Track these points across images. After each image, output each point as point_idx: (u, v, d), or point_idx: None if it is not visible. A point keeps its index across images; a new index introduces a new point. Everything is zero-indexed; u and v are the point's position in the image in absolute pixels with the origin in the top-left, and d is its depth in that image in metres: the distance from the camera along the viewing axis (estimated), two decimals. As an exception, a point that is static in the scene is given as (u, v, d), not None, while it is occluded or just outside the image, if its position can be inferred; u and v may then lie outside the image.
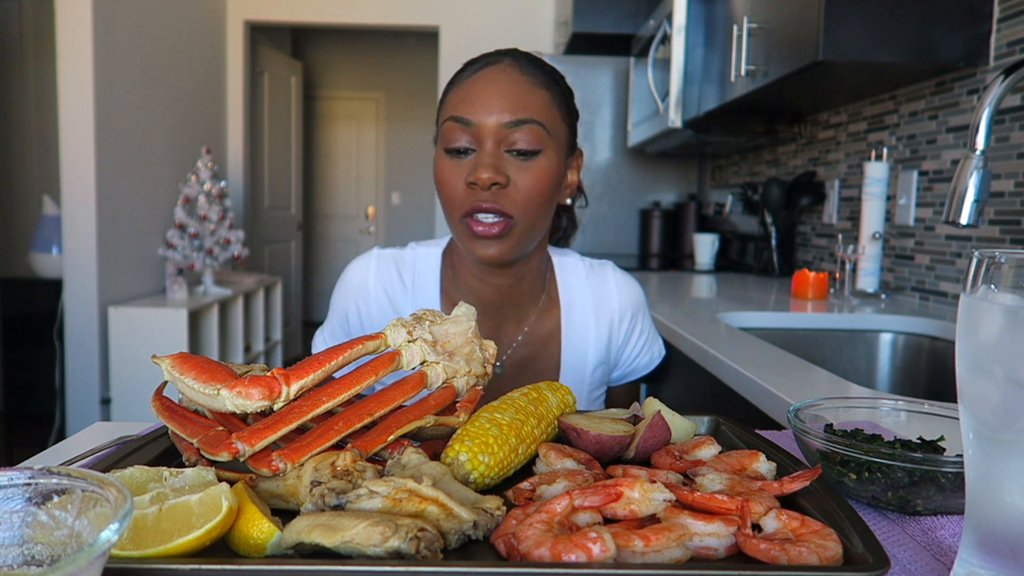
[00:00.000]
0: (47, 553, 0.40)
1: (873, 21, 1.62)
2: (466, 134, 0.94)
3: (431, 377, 0.65)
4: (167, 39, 3.95)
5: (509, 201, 0.94)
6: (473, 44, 4.89)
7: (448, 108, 0.97)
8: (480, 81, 0.95)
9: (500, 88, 0.94)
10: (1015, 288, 0.43)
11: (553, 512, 0.49)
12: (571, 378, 1.09)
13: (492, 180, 0.92)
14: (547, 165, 0.95)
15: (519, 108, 0.93)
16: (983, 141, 1.00)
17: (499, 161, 0.93)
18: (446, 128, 0.96)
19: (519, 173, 0.94)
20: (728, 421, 0.74)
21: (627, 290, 1.13)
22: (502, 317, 1.07)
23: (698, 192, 3.79)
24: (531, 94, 0.95)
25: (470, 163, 0.95)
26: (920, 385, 1.60)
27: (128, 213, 3.61)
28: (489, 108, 0.93)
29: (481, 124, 0.93)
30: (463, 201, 0.95)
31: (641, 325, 1.15)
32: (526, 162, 0.94)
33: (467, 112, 0.94)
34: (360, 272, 1.08)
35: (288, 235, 5.85)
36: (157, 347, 3.24)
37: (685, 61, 2.58)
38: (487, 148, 0.93)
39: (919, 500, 0.58)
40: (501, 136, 0.93)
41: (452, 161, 0.96)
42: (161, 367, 0.60)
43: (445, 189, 0.97)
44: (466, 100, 0.95)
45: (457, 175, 0.95)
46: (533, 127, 0.94)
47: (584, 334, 1.09)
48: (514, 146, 0.93)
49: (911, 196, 1.91)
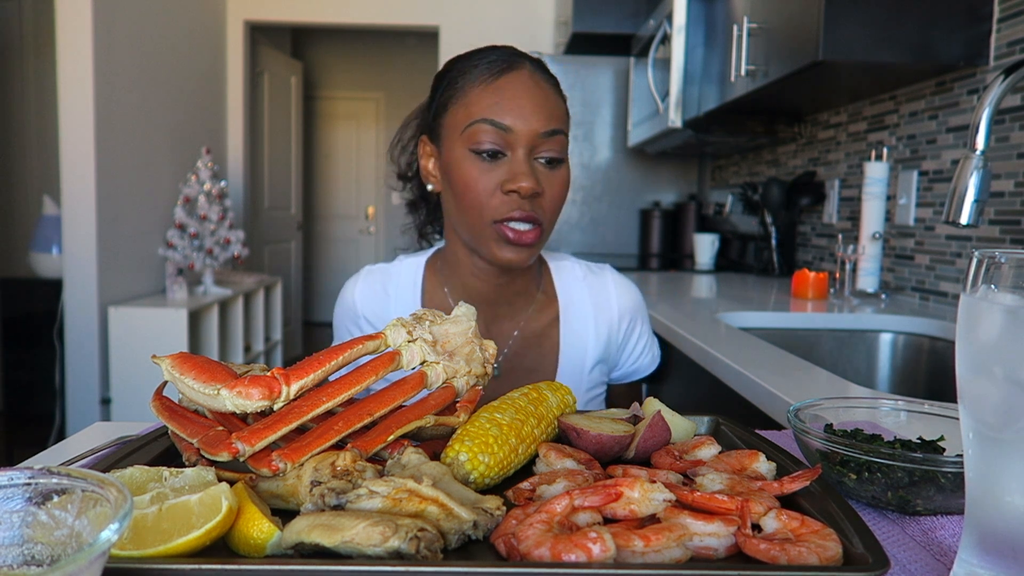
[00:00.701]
0: (47, 553, 0.40)
1: (873, 21, 1.62)
2: (500, 138, 0.94)
3: (431, 377, 0.65)
4: (167, 39, 3.95)
5: (541, 210, 0.96)
6: (473, 44, 4.81)
7: (475, 107, 0.95)
8: (510, 85, 0.95)
9: (534, 97, 0.95)
10: (1015, 288, 0.43)
11: (553, 512, 0.49)
12: (569, 375, 1.09)
13: (534, 190, 0.93)
14: (566, 173, 1.00)
15: (552, 119, 0.96)
16: (983, 141, 1.00)
17: (535, 170, 0.95)
18: (476, 130, 0.94)
19: (548, 181, 0.97)
20: (728, 421, 0.74)
21: (626, 292, 1.14)
22: (494, 315, 1.07)
23: (698, 192, 3.79)
24: (558, 104, 0.98)
25: (504, 169, 0.95)
26: (920, 385, 1.60)
27: (128, 213, 3.61)
28: (527, 116, 0.94)
29: (519, 131, 0.94)
30: (497, 207, 0.95)
31: (641, 328, 1.16)
32: (553, 171, 0.97)
33: (503, 117, 0.94)
34: (348, 291, 1.12)
35: (288, 235, 5.85)
36: (157, 347, 3.24)
37: (685, 61, 2.58)
38: (520, 156, 0.94)
39: (919, 500, 0.58)
40: (534, 144, 0.95)
41: (482, 164, 0.95)
42: (161, 367, 0.60)
43: (472, 194, 0.95)
44: (500, 104, 0.94)
45: (489, 179, 0.95)
46: (561, 138, 0.97)
47: (583, 332, 1.10)
48: (545, 154, 0.96)
49: (911, 196, 1.91)
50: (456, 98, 0.98)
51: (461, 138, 0.96)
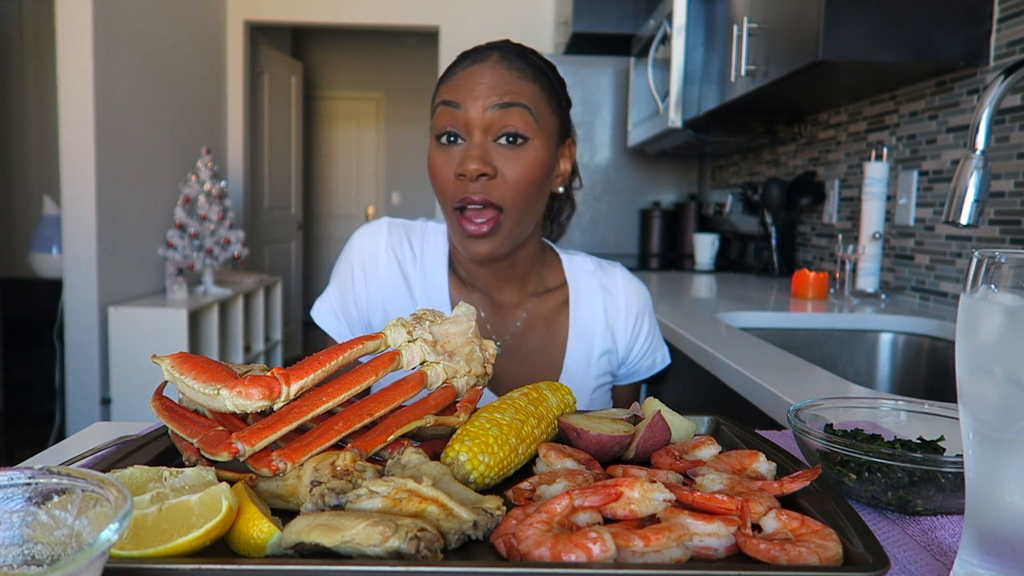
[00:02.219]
0: (47, 553, 0.40)
1: (873, 21, 1.62)
2: (455, 120, 0.95)
3: (431, 377, 0.65)
4: (167, 39, 3.95)
5: (498, 192, 0.94)
6: (473, 44, 4.87)
7: (438, 96, 0.99)
8: (471, 73, 0.97)
9: (489, 77, 0.95)
10: (1015, 288, 0.43)
11: (553, 512, 0.49)
12: (577, 363, 1.09)
13: (480, 171, 0.92)
14: (535, 154, 0.96)
15: (506, 94, 0.94)
16: (983, 141, 1.00)
17: (487, 152, 0.94)
18: (436, 115, 0.97)
19: (507, 163, 0.94)
20: (728, 421, 0.74)
21: (634, 290, 1.14)
22: (499, 299, 1.09)
23: (698, 192, 3.79)
24: (519, 83, 0.96)
25: (459, 153, 0.95)
26: (920, 385, 1.60)
27: (128, 213, 3.61)
28: (476, 93, 0.94)
29: (469, 108, 0.94)
30: (453, 193, 0.96)
31: (648, 327, 1.15)
32: (515, 151, 0.95)
33: (455, 96, 0.95)
34: (371, 236, 1.10)
35: (288, 235, 5.85)
36: (157, 347, 3.24)
37: (685, 61, 2.58)
38: (475, 139, 0.94)
39: (919, 500, 0.58)
40: (488, 122, 0.94)
41: (442, 151, 0.97)
42: (161, 367, 0.60)
43: (436, 181, 0.98)
44: (455, 87, 0.96)
45: (447, 166, 0.96)
46: (521, 111, 0.94)
47: (592, 319, 1.11)
48: (503, 131, 0.94)
49: (911, 196, 1.91)
50: (433, 96, 1.01)
51: (432, 128, 0.99)
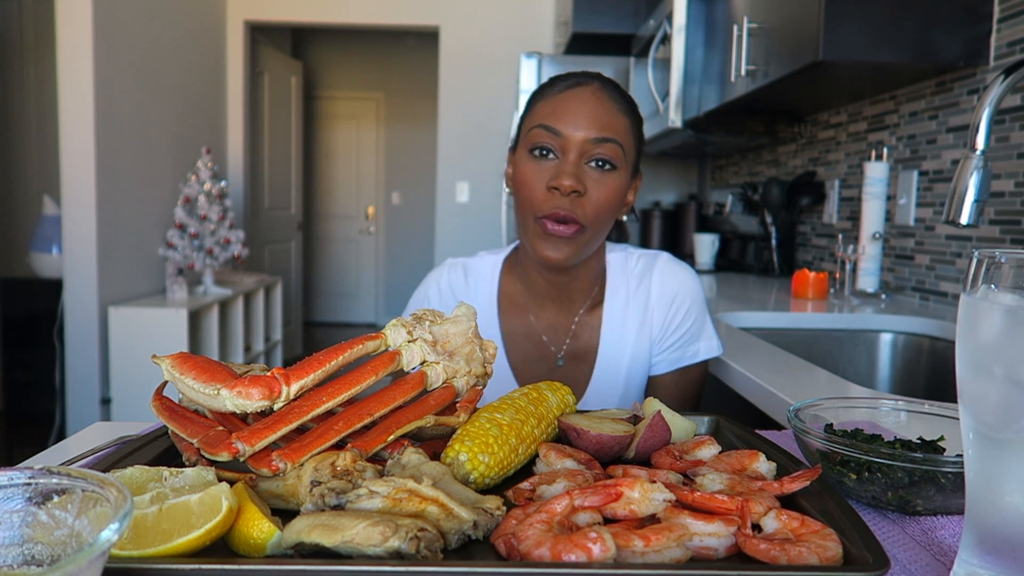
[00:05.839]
0: (47, 553, 0.40)
1: (873, 21, 1.62)
2: (553, 142, 1.02)
3: (431, 377, 0.65)
4: (167, 39, 3.94)
5: (582, 210, 1.01)
6: (473, 44, 4.91)
7: (537, 117, 1.05)
8: (571, 98, 1.03)
9: (590, 108, 1.02)
10: (1015, 288, 0.43)
11: (553, 512, 0.49)
12: (608, 365, 1.13)
13: (573, 187, 0.99)
14: (618, 182, 1.04)
15: (606, 128, 1.02)
16: (983, 141, 1.00)
17: (580, 171, 1.01)
18: (533, 133, 1.04)
19: (595, 185, 1.02)
20: (728, 421, 0.74)
21: (673, 277, 1.16)
22: (556, 311, 1.14)
23: (698, 192, 3.79)
24: (615, 117, 1.04)
25: (552, 168, 1.02)
26: (920, 385, 1.60)
27: (128, 213, 3.61)
28: (578, 123, 1.01)
29: (569, 136, 1.01)
30: (542, 204, 1.02)
31: (686, 313, 1.15)
32: (603, 175, 1.02)
33: (556, 123, 1.02)
34: (435, 276, 1.22)
35: (288, 235, 5.85)
36: (157, 347, 3.24)
37: (685, 61, 2.58)
38: (571, 158, 1.01)
39: (919, 500, 0.58)
40: (585, 149, 1.01)
41: (534, 163, 1.03)
42: (161, 367, 0.60)
43: (525, 190, 1.04)
44: (556, 113, 1.03)
45: (538, 177, 1.02)
46: (614, 146, 1.02)
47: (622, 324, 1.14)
48: (596, 156, 1.02)
49: (911, 196, 1.91)
50: (528, 114, 1.09)
51: (524, 142, 1.06)
